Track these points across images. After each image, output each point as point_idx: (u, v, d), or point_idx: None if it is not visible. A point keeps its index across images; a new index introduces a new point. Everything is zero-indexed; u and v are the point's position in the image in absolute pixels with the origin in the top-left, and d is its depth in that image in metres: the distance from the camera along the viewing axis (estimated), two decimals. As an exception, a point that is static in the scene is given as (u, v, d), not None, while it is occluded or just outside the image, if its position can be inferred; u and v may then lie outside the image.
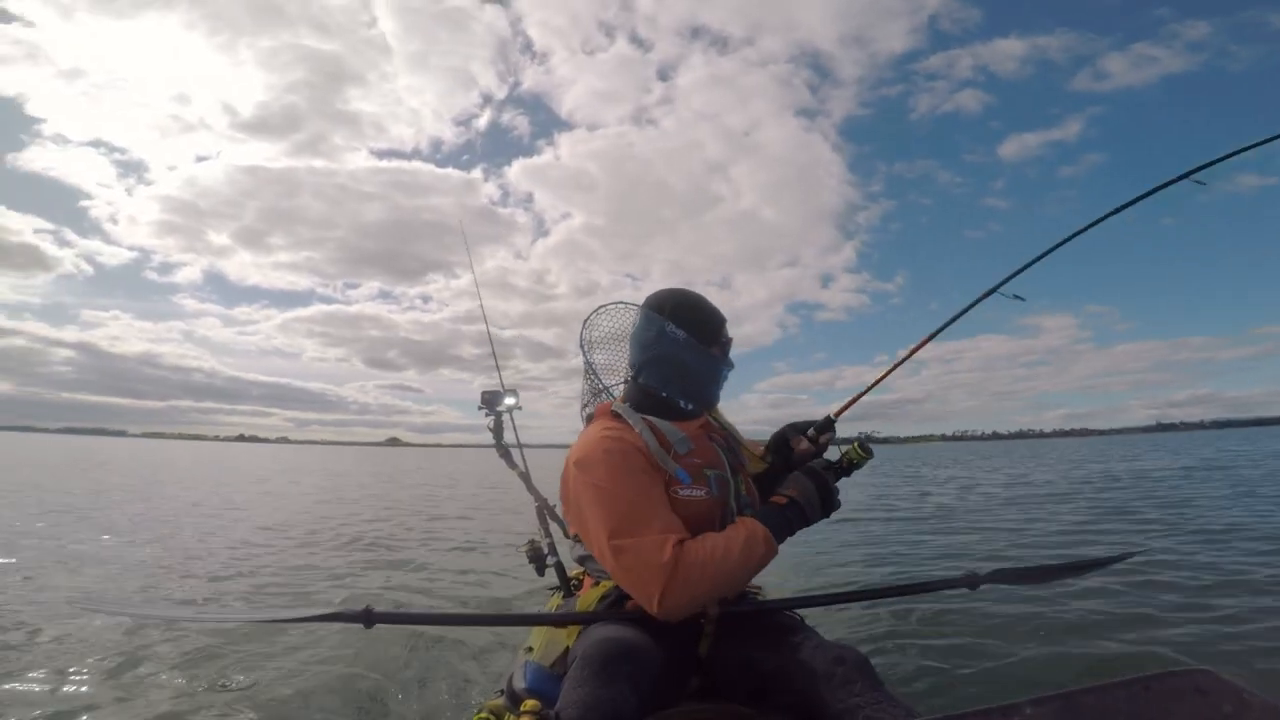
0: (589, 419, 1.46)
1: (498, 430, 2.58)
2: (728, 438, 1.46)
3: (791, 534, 1.24)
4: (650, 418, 1.32)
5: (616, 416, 1.33)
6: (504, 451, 2.62)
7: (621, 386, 1.51)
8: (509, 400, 2.56)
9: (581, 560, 1.42)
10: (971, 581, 1.38)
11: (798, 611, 1.37)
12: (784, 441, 1.52)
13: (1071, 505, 8.76)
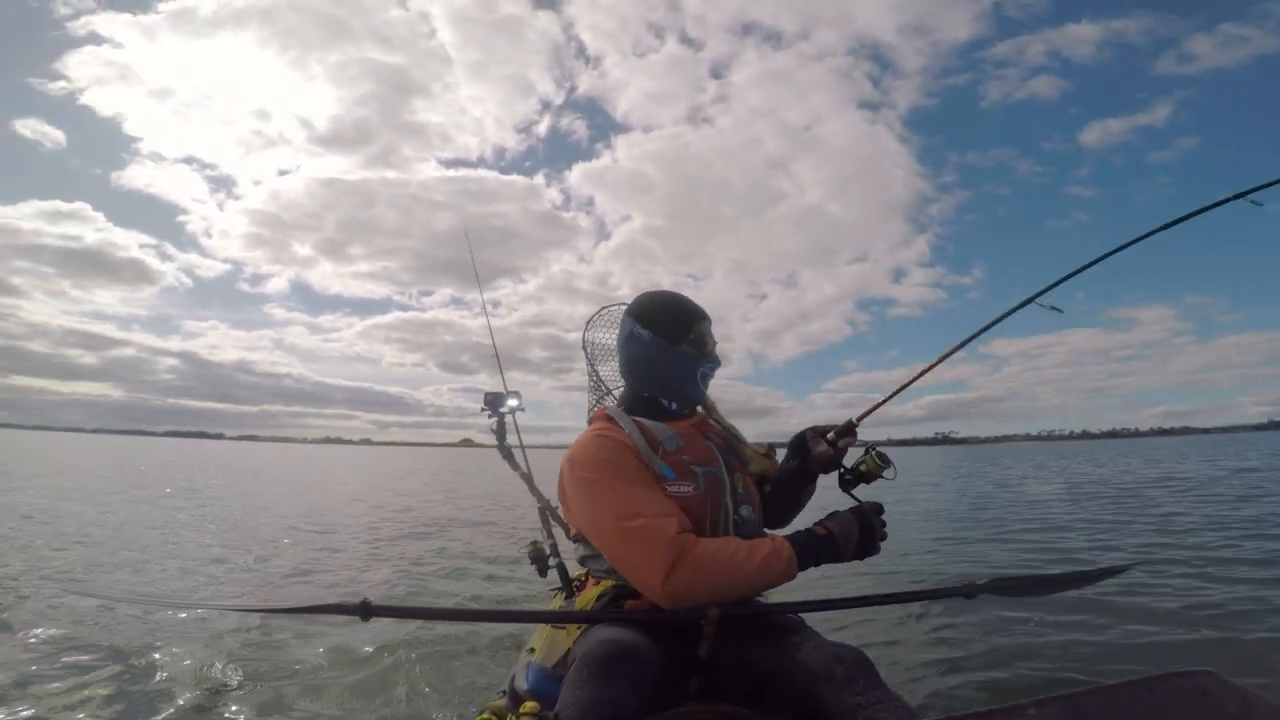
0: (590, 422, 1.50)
1: (500, 432, 2.60)
2: (728, 437, 1.46)
3: (817, 565, 1.23)
4: (640, 419, 1.36)
5: (609, 419, 1.38)
6: (506, 453, 2.65)
7: (622, 389, 1.56)
8: (511, 402, 2.59)
9: (585, 561, 1.42)
10: (969, 590, 1.37)
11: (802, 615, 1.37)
12: (803, 443, 1.49)
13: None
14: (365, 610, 1.18)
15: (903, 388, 1.69)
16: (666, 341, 1.39)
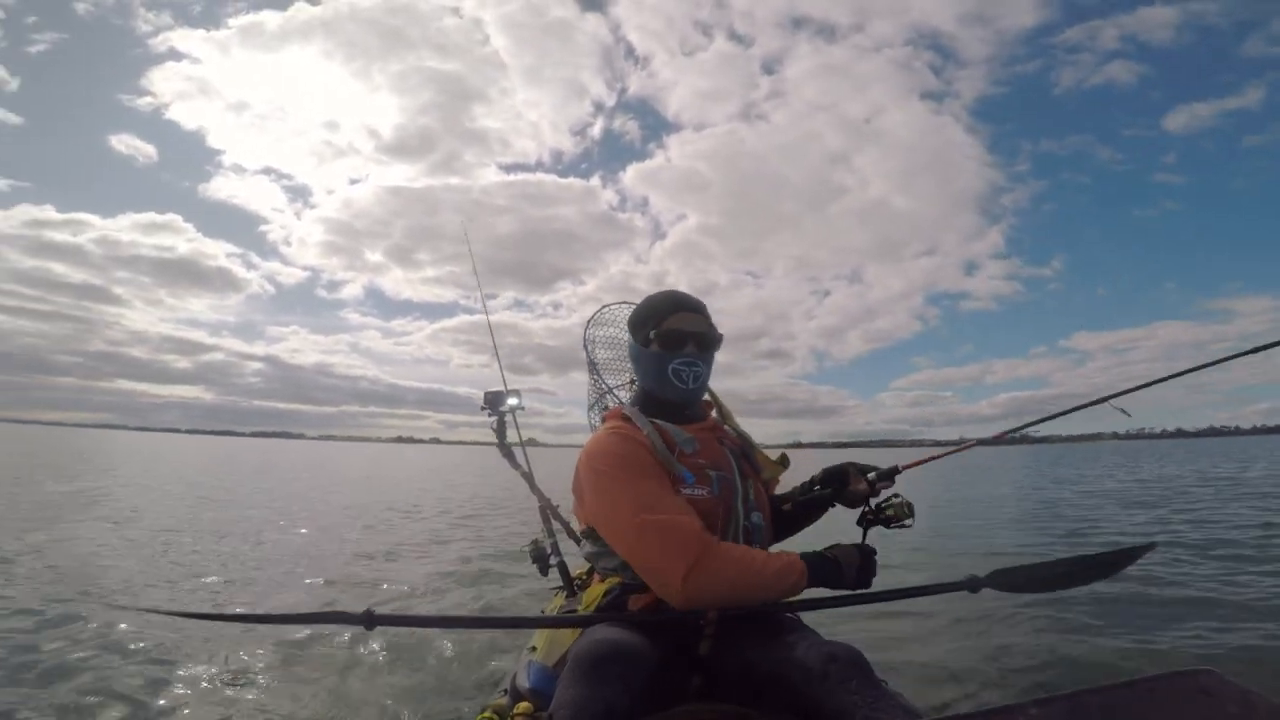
0: (601, 419, 1.51)
1: (501, 431, 2.61)
2: (741, 443, 1.46)
3: (818, 585, 1.27)
4: (657, 420, 1.35)
5: (625, 419, 1.37)
6: (507, 452, 2.65)
7: (626, 387, 1.55)
8: (511, 401, 2.60)
9: (593, 558, 1.42)
10: (972, 584, 1.37)
11: (800, 614, 1.37)
12: (843, 475, 1.47)
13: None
14: (369, 620, 1.18)
15: (955, 450, 1.67)
16: (640, 343, 1.41)
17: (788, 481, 1.58)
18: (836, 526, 1.59)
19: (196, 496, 11.17)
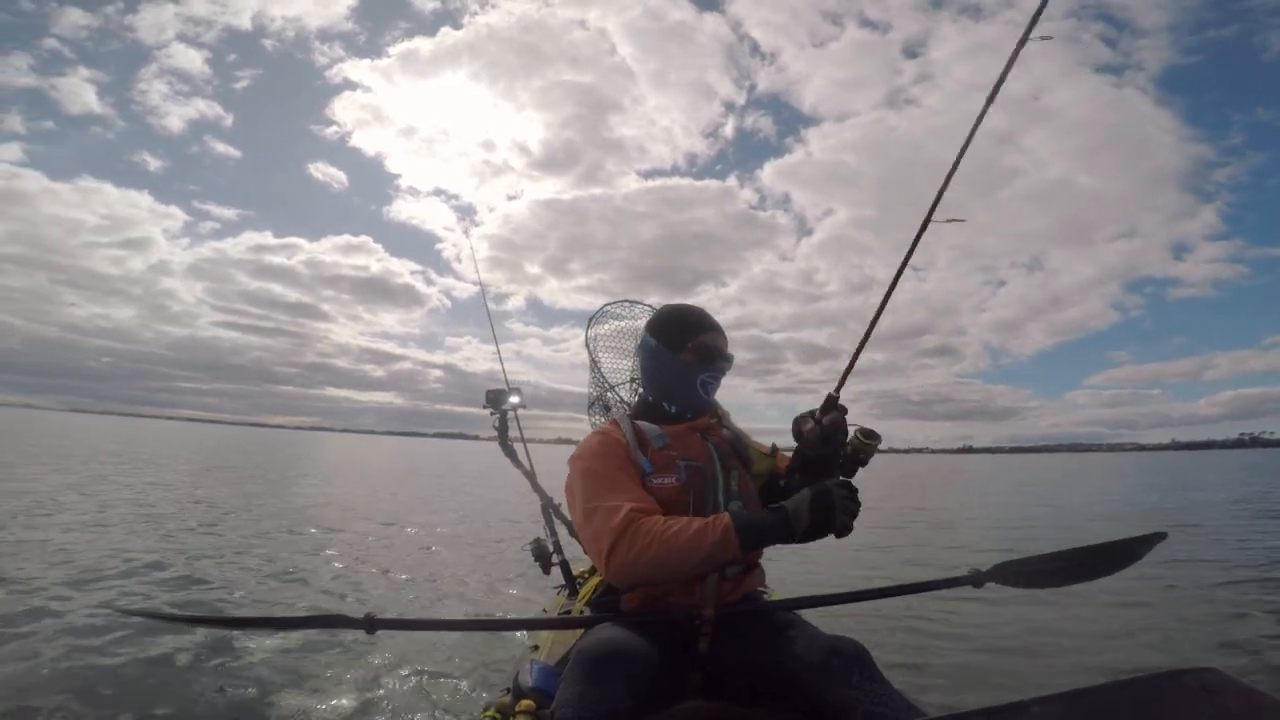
0: (604, 418, 1.61)
1: (502, 429, 2.63)
2: (732, 439, 1.48)
3: (768, 542, 1.21)
4: (640, 421, 1.43)
5: (615, 422, 1.46)
6: (509, 450, 2.67)
7: (627, 386, 1.58)
8: (513, 399, 2.62)
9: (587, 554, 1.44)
10: (976, 579, 1.36)
11: (801, 612, 1.37)
12: (796, 429, 1.43)
13: None
14: (370, 624, 1.19)
15: (859, 350, 1.49)
16: (668, 349, 1.45)
17: None
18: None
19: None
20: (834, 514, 1.17)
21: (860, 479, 1.32)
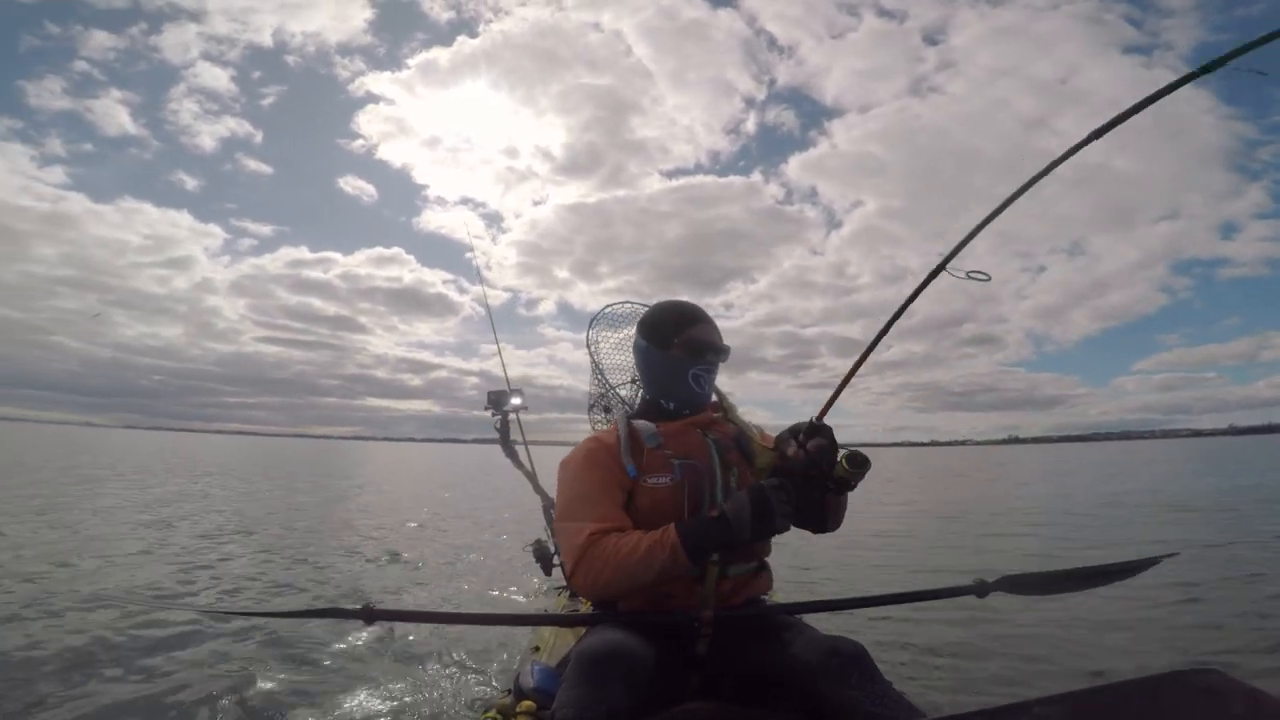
0: (604, 419, 1.60)
1: (504, 430, 2.63)
2: (736, 434, 1.46)
3: (715, 550, 1.21)
4: (638, 421, 1.42)
5: (613, 424, 1.45)
6: (510, 451, 2.68)
7: (627, 385, 1.57)
8: (515, 400, 2.63)
9: None
10: (980, 589, 1.36)
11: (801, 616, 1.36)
12: (780, 450, 1.37)
13: None
14: (368, 615, 1.19)
15: (851, 374, 1.43)
16: (657, 347, 1.45)
17: None
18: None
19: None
20: (773, 516, 1.19)
21: (882, 475, 1.29)
